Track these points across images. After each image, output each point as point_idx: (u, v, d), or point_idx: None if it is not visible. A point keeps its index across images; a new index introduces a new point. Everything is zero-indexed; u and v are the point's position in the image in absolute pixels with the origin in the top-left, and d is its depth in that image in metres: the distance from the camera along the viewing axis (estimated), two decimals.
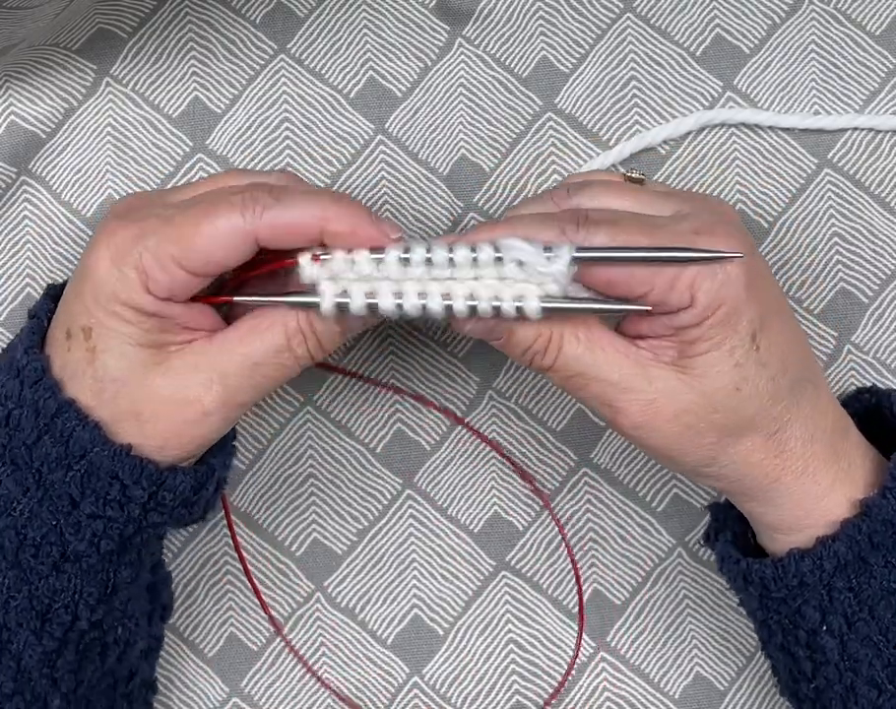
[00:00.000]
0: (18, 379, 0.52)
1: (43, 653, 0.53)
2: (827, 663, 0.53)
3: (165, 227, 0.51)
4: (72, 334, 0.52)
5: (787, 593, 0.53)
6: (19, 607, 0.52)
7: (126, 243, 0.51)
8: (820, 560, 0.52)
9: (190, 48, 0.67)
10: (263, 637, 0.64)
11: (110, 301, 0.51)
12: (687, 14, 0.67)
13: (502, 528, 0.65)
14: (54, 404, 0.51)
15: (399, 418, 0.65)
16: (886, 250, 0.66)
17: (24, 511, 0.52)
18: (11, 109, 0.65)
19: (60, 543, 0.52)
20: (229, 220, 0.51)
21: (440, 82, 0.67)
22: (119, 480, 0.52)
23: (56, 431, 0.51)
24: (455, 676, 0.64)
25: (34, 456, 0.52)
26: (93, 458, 0.51)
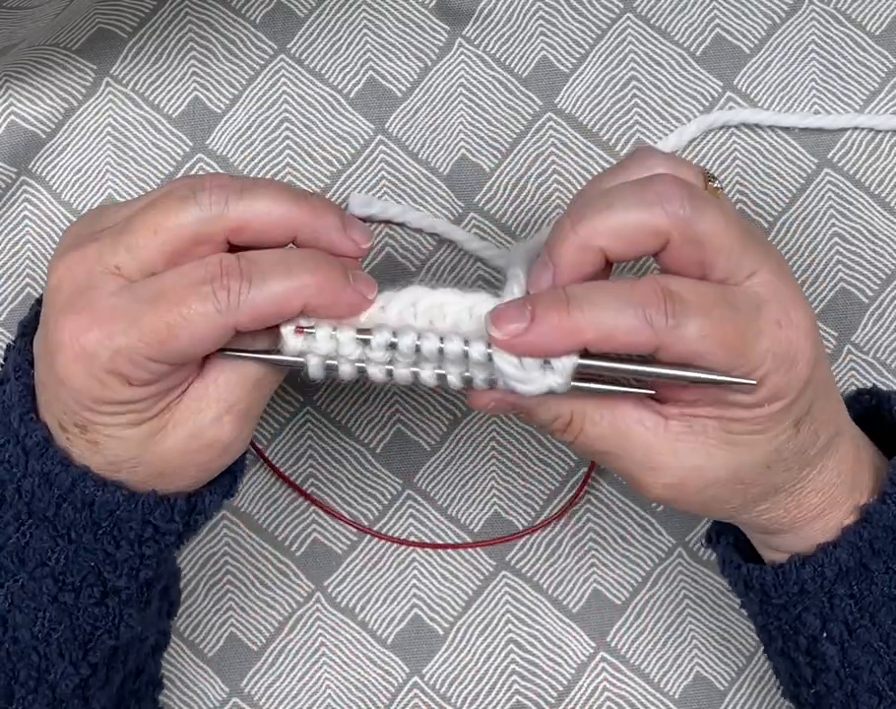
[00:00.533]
0: (19, 447, 0.50)
1: (80, 680, 0.53)
2: (828, 669, 0.53)
3: (132, 331, 0.47)
4: (66, 428, 0.49)
5: (787, 599, 0.53)
6: (61, 638, 0.52)
7: (93, 348, 0.47)
8: (821, 567, 0.52)
9: (190, 48, 0.67)
10: (263, 637, 0.64)
11: (97, 404, 0.48)
12: (687, 14, 0.67)
13: (502, 528, 0.65)
14: (67, 477, 0.49)
15: (399, 419, 0.65)
16: (886, 250, 0.66)
17: (59, 559, 0.51)
18: (11, 109, 0.65)
19: (100, 583, 0.51)
20: (204, 317, 0.47)
21: (440, 82, 0.67)
22: (152, 524, 0.51)
23: (76, 500, 0.50)
24: (455, 676, 0.64)
25: (59, 524, 0.50)
26: (121, 514, 0.50)
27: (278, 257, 0.49)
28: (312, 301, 0.48)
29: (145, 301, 0.48)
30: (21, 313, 0.64)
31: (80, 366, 0.48)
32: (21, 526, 0.51)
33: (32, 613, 0.51)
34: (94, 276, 0.48)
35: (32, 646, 0.52)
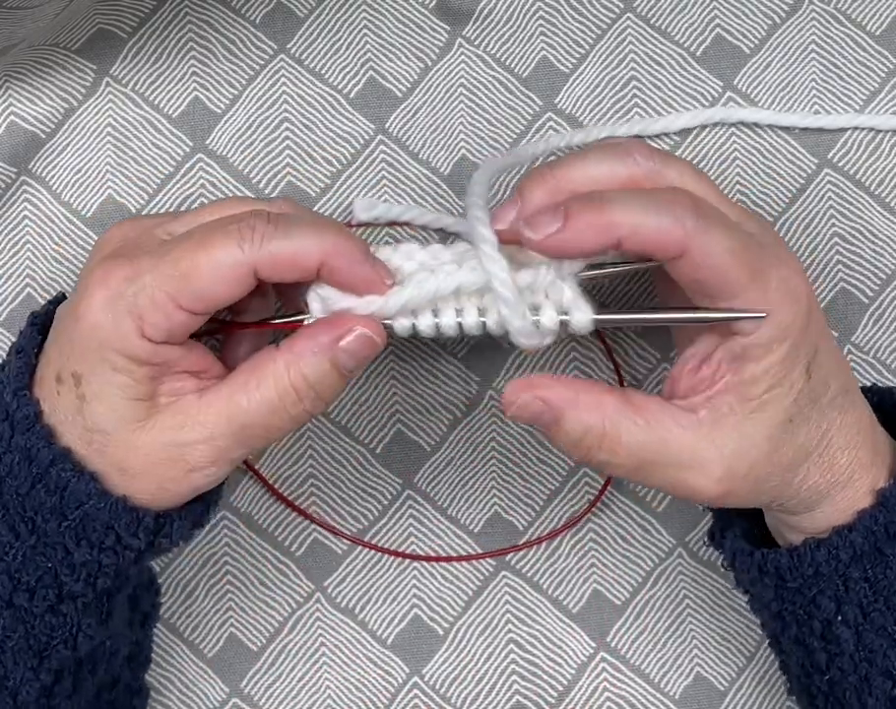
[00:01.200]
0: (7, 422, 0.50)
1: (41, 687, 0.52)
2: (842, 654, 0.53)
3: (160, 265, 0.49)
4: (62, 379, 0.50)
5: (802, 582, 0.53)
6: (16, 646, 0.51)
7: (119, 284, 0.49)
8: (836, 550, 0.52)
9: (190, 48, 0.67)
10: (263, 637, 0.64)
11: (103, 348, 0.49)
12: (687, 14, 0.67)
13: (502, 528, 0.65)
14: (48, 454, 0.49)
15: (399, 419, 0.65)
16: (886, 250, 0.66)
17: (17, 555, 0.51)
18: (11, 109, 0.65)
19: (56, 585, 0.51)
20: (228, 252, 0.48)
21: (440, 82, 0.67)
22: (115, 531, 0.50)
23: (51, 482, 0.50)
24: (455, 677, 0.64)
25: (28, 505, 0.50)
26: (88, 509, 0.50)
27: (308, 215, 0.51)
28: (330, 261, 0.49)
29: (174, 242, 0.50)
30: (21, 313, 0.64)
31: (101, 302, 0.49)
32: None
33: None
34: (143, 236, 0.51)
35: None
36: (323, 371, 0.50)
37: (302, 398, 0.50)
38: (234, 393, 0.50)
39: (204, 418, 0.50)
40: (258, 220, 0.49)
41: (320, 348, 0.50)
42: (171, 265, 0.48)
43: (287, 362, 0.50)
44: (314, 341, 0.50)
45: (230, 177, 0.66)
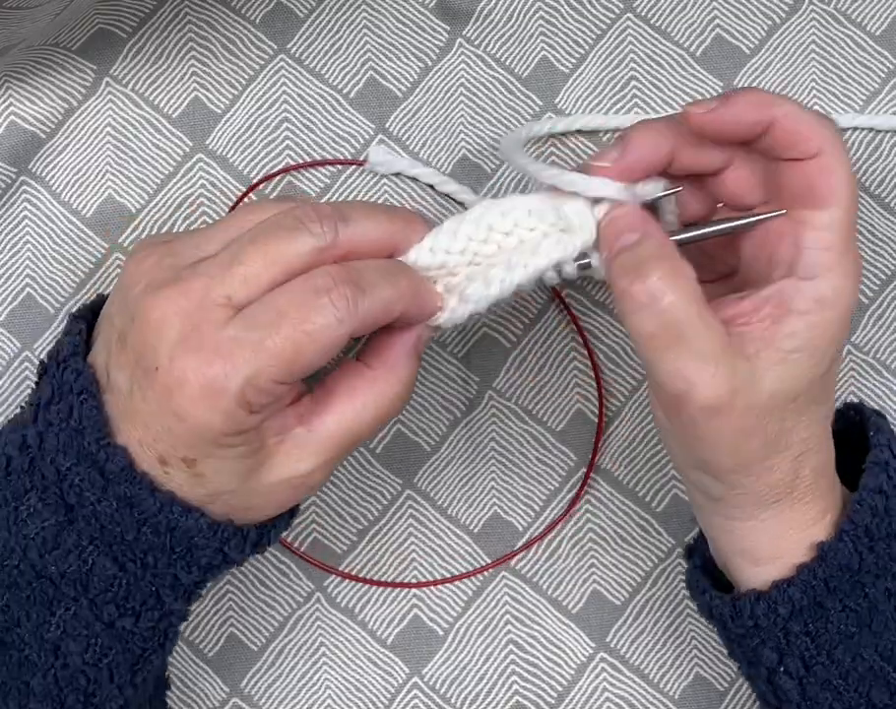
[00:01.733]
0: (96, 471, 0.49)
1: (124, 701, 0.53)
2: (789, 701, 0.53)
3: (260, 354, 0.47)
4: (169, 462, 0.49)
5: (744, 631, 0.53)
6: (112, 662, 0.52)
7: (223, 383, 0.47)
8: (775, 604, 0.51)
9: (190, 48, 0.67)
10: (263, 637, 0.64)
11: (218, 438, 0.48)
12: (687, 14, 0.67)
13: (502, 528, 0.65)
14: (154, 502, 0.49)
15: (399, 419, 0.65)
16: (886, 250, 0.66)
17: (122, 584, 0.51)
18: (11, 109, 0.65)
19: (159, 606, 0.52)
20: (329, 330, 0.48)
21: (440, 82, 0.67)
22: (223, 553, 0.51)
23: (159, 526, 0.49)
24: (455, 677, 0.64)
25: (136, 548, 0.50)
26: (198, 542, 0.50)
27: (377, 265, 0.51)
28: (409, 309, 0.51)
29: (265, 326, 0.48)
30: (21, 313, 0.65)
31: (206, 403, 0.47)
32: (82, 553, 0.50)
33: (85, 641, 0.51)
34: (204, 311, 0.48)
35: (81, 671, 0.51)
36: (414, 368, 0.53)
37: (405, 400, 0.53)
38: (341, 418, 0.51)
39: (316, 448, 0.51)
40: (346, 287, 0.48)
41: (408, 350, 0.52)
42: (274, 354, 0.47)
43: (386, 376, 0.52)
44: (402, 346, 0.52)
45: (230, 177, 0.66)
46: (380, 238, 0.52)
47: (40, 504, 0.50)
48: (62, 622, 0.51)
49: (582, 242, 0.53)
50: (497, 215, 0.53)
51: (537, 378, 0.65)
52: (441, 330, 0.54)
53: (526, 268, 0.53)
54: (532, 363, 0.65)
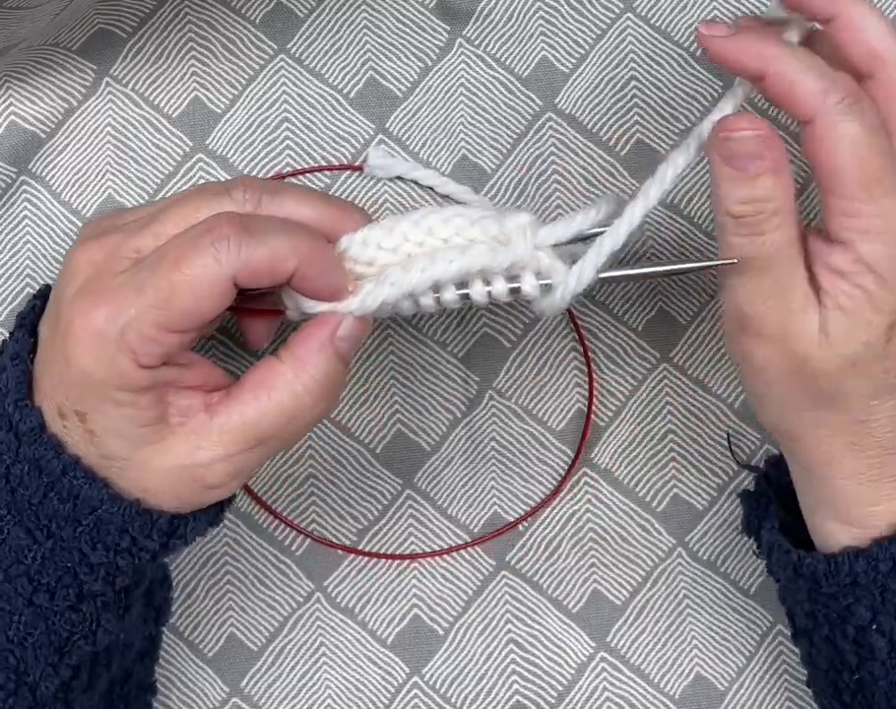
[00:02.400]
0: (12, 433, 0.50)
1: (60, 682, 0.52)
2: (874, 659, 0.53)
3: (140, 297, 0.47)
4: (65, 415, 0.49)
5: (838, 590, 0.53)
6: (36, 643, 0.51)
7: (103, 326, 0.48)
8: (875, 561, 0.52)
9: (190, 48, 0.67)
10: (263, 637, 0.64)
11: (102, 389, 0.48)
12: (687, 14, 0.67)
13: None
14: (59, 464, 0.49)
15: (399, 419, 0.65)
16: None
17: (36, 557, 0.50)
18: (11, 109, 0.65)
19: (76, 584, 0.51)
20: (206, 269, 0.47)
21: (440, 82, 0.67)
22: (129, 533, 0.50)
23: (63, 490, 0.49)
24: (455, 677, 0.64)
25: (41, 514, 0.50)
26: (101, 514, 0.50)
27: (277, 219, 0.50)
28: (303, 269, 0.49)
29: (147, 269, 0.48)
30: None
31: (90, 346, 0.48)
32: (0, 521, 0.51)
33: (7, 617, 0.51)
34: (111, 260, 0.49)
35: (8, 649, 0.51)
36: (329, 366, 0.51)
37: (316, 400, 0.50)
38: (246, 409, 0.50)
39: (217, 437, 0.50)
40: (230, 227, 0.48)
41: (321, 345, 0.50)
42: (152, 295, 0.47)
43: (294, 370, 0.50)
44: (314, 340, 0.51)
45: (230, 177, 0.66)
46: (309, 219, 0.51)
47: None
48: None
49: (513, 257, 0.52)
50: (439, 220, 0.53)
51: (537, 378, 0.65)
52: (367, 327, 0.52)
53: (450, 264, 0.51)
54: (532, 363, 0.65)
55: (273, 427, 0.50)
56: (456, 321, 0.65)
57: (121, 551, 0.51)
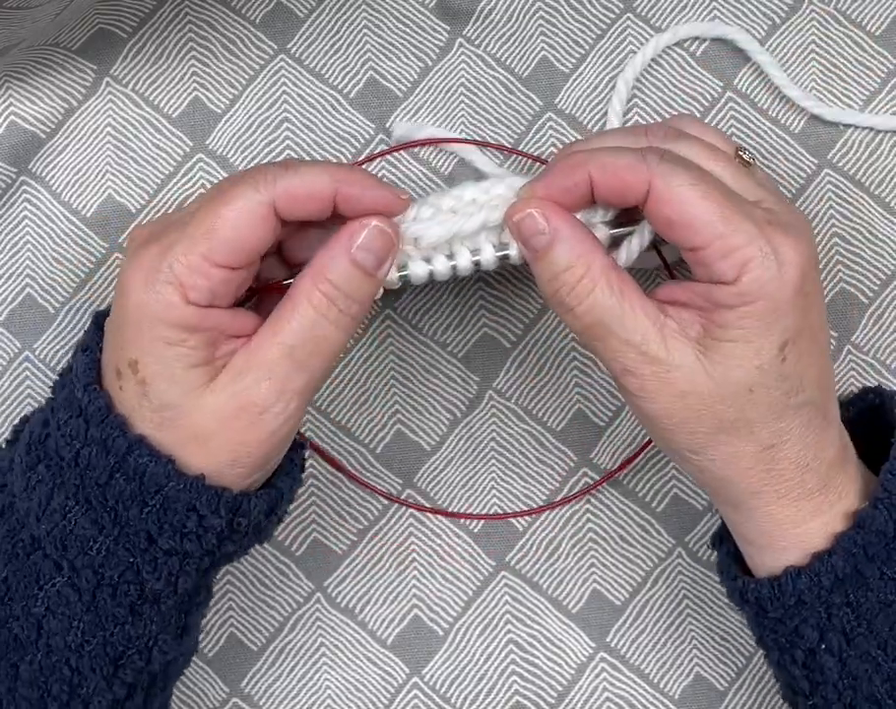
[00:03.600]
0: (81, 418, 0.51)
1: (113, 699, 0.53)
2: (826, 682, 0.52)
3: (186, 230, 0.50)
4: (121, 371, 0.51)
5: (784, 612, 0.52)
6: (93, 652, 0.52)
7: (153, 261, 0.50)
8: (818, 576, 0.51)
9: (190, 48, 0.67)
10: (263, 637, 0.64)
11: (153, 325, 0.50)
12: (687, 14, 0.67)
13: (502, 528, 0.65)
14: (124, 442, 0.50)
15: (399, 419, 0.65)
16: (886, 250, 0.66)
17: (101, 550, 0.51)
18: (11, 109, 0.65)
19: (138, 581, 0.51)
20: (245, 197, 0.50)
21: (440, 82, 0.67)
22: (196, 511, 0.51)
23: (129, 469, 0.50)
24: (455, 677, 0.64)
25: (109, 495, 0.51)
26: (168, 492, 0.50)
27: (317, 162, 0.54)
28: (344, 189, 0.51)
29: (192, 208, 0.52)
30: (21, 313, 0.65)
31: (139, 279, 0.50)
32: (67, 513, 0.51)
33: (67, 621, 0.51)
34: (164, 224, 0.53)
35: (64, 658, 0.52)
36: (346, 271, 0.51)
37: (335, 301, 0.51)
38: (275, 323, 0.51)
39: (255, 357, 0.51)
40: (268, 166, 0.52)
41: (337, 250, 0.52)
42: (196, 226, 0.50)
43: (311, 276, 0.51)
44: (331, 246, 0.52)
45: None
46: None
47: (45, 469, 0.52)
48: (47, 598, 0.52)
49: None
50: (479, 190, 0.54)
51: (537, 378, 0.65)
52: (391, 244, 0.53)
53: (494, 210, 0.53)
54: (532, 363, 0.65)
55: (301, 334, 0.51)
56: (456, 321, 0.65)
57: (188, 534, 0.51)
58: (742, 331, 0.50)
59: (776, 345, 0.50)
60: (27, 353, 0.65)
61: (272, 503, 0.54)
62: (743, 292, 0.49)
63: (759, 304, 0.49)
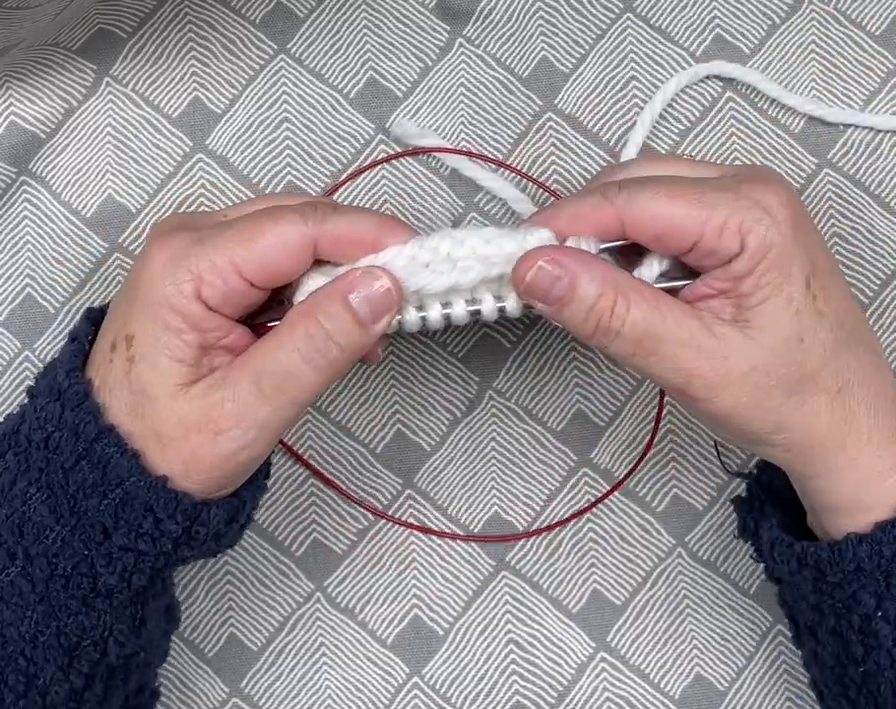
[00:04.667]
0: (58, 402, 0.51)
1: (70, 689, 0.52)
2: (880, 648, 0.53)
3: (225, 232, 0.51)
4: (116, 344, 0.51)
5: (842, 577, 0.53)
6: (46, 642, 0.52)
7: (182, 247, 0.51)
8: (879, 545, 0.52)
9: (190, 48, 0.67)
10: (263, 637, 0.64)
11: (160, 305, 0.50)
12: (687, 14, 0.67)
13: (502, 528, 0.65)
14: (94, 428, 0.50)
15: (399, 419, 0.65)
16: (886, 250, 0.66)
17: (56, 539, 0.51)
18: (11, 109, 0.65)
19: (91, 575, 0.51)
20: (293, 224, 0.50)
21: (441, 82, 0.67)
22: (153, 512, 0.50)
23: (94, 457, 0.50)
24: (455, 676, 0.64)
25: (71, 481, 0.50)
26: (128, 487, 0.50)
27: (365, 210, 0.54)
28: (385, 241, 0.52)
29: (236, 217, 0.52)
30: (21, 313, 0.65)
31: (163, 258, 0.51)
32: (28, 499, 0.51)
33: (20, 612, 0.51)
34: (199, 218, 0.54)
35: (19, 649, 0.52)
36: (336, 313, 0.50)
37: (315, 339, 0.50)
38: (257, 348, 0.51)
39: (229, 376, 0.51)
40: (318, 202, 0.52)
41: (334, 292, 0.51)
42: (237, 232, 0.50)
43: (303, 310, 0.51)
44: (329, 287, 0.51)
45: (230, 177, 0.66)
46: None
47: (12, 456, 0.52)
48: (0, 588, 0.51)
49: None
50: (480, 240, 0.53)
51: (537, 378, 0.65)
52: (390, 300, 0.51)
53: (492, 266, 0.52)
54: (532, 363, 0.65)
55: (273, 362, 0.50)
56: None
57: (143, 535, 0.51)
58: (769, 287, 0.51)
59: (801, 283, 0.51)
60: (27, 353, 0.65)
61: (233, 512, 0.53)
62: (753, 253, 0.50)
63: (771, 255, 0.50)
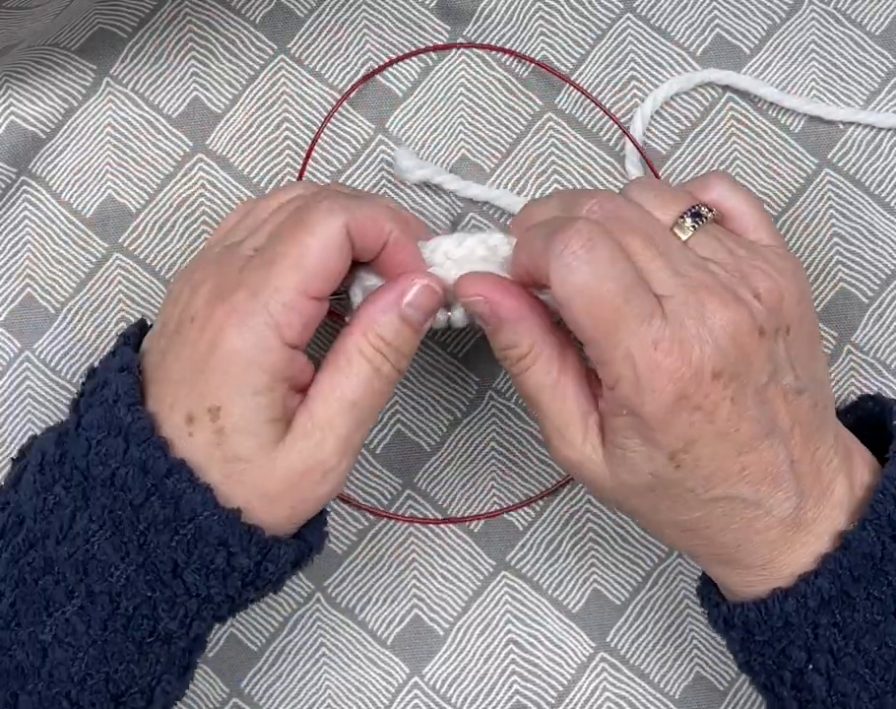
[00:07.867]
0: (121, 437, 0.50)
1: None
2: (814, 700, 0.52)
3: (274, 267, 0.50)
4: (195, 417, 0.50)
5: (771, 635, 0.52)
6: (94, 687, 0.51)
7: (245, 305, 0.49)
8: (804, 598, 0.51)
9: (190, 48, 0.67)
10: (263, 637, 0.64)
11: (244, 372, 0.49)
12: (687, 14, 0.67)
13: (502, 528, 0.65)
14: (165, 464, 0.49)
15: (399, 419, 0.65)
16: (886, 250, 0.66)
17: (120, 578, 0.50)
18: (11, 109, 0.65)
19: (153, 617, 0.50)
20: (325, 223, 0.50)
21: (440, 82, 0.67)
22: (227, 546, 0.50)
23: (166, 492, 0.49)
24: (455, 677, 0.64)
25: (141, 517, 0.49)
26: (201, 522, 0.49)
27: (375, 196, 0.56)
28: (396, 233, 0.52)
29: (271, 244, 0.51)
30: (21, 313, 0.65)
31: (237, 326, 0.49)
32: (91, 537, 0.50)
33: (72, 652, 0.50)
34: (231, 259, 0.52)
35: (65, 690, 0.51)
36: (396, 327, 0.52)
37: (387, 355, 0.52)
38: (332, 378, 0.51)
39: (318, 415, 0.51)
40: (333, 190, 0.52)
41: (387, 306, 0.52)
42: (284, 260, 0.50)
43: (362, 331, 0.52)
44: (381, 302, 0.52)
45: (230, 177, 0.66)
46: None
47: (63, 491, 0.50)
48: (55, 625, 0.50)
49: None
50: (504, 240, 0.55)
51: None
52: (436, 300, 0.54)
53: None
54: None
55: (359, 388, 0.51)
56: None
57: (214, 570, 0.50)
58: (629, 440, 0.50)
59: (665, 455, 0.49)
60: (27, 353, 0.65)
61: (300, 554, 0.53)
62: (620, 403, 0.49)
63: (629, 419, 0.49)
